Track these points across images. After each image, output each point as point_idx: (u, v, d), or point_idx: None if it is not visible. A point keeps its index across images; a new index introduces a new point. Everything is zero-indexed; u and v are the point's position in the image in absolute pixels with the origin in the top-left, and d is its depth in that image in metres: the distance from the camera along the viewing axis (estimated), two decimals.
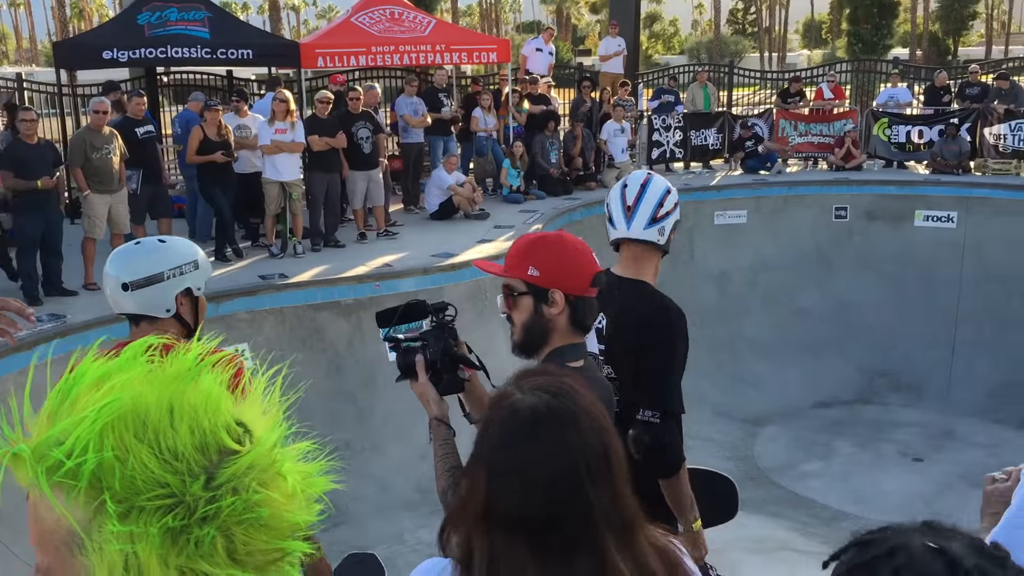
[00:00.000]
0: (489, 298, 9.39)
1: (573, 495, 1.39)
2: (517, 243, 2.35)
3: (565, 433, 1.41)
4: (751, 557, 6.23)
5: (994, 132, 14.37)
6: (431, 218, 11.86)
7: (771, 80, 21.68)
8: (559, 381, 1.49)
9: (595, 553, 1.39)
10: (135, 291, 2.63)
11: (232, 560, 0.90)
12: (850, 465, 10.00)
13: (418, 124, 12.39)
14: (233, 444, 0.93)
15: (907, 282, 13.07)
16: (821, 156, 15.39)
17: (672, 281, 13.17)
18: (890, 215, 13.58)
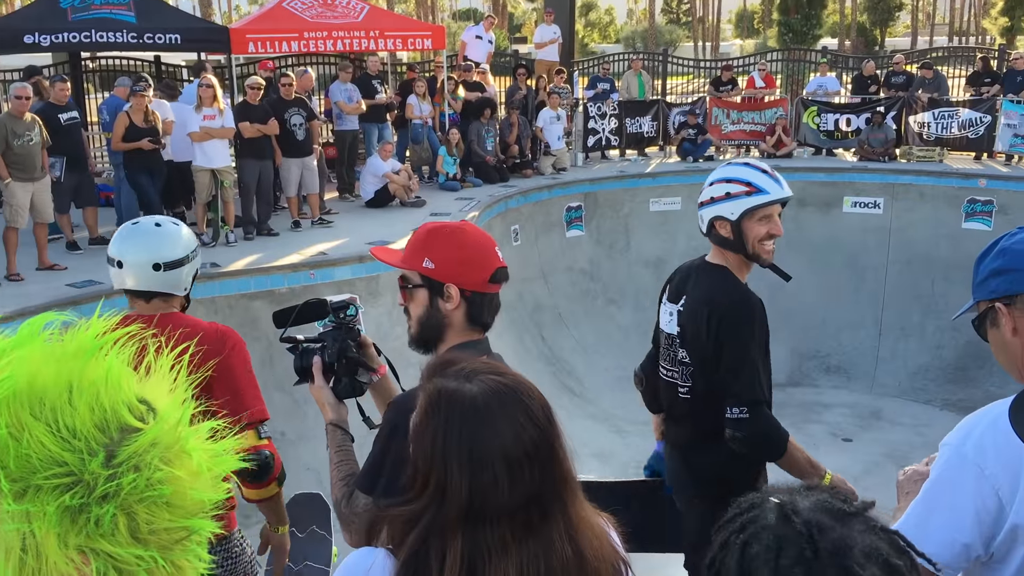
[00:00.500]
0: None
1: (551, 466, 1.41)
2: (416, 233, 2.24)
3: (528, 409, 1.42)
4: None
5: (918, 120, 14.78)
6: (366, 206, 11.76)
7: (705, 69, 21.94)
8: (484, 363, 1.50)
9: (566, 520, 1.42)
10: (167, 271, 2.82)
11: (135, 539, 0.88)
12: None
13: (352, 111, 12.26)
14: (135, 422, 0.91)
15: (836, 267, 13.39)
16: (753, 144, 15.65)
17: (608, 268, 13.33)
18: (819, 201, 13.88)
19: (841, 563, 0.98)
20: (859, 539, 1.01)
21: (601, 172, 14.40)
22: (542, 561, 1.38)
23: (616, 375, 11.85)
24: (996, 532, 1.69)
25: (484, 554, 1.37)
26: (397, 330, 8.95)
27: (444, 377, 1.46)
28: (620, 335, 12.62)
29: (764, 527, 1.04)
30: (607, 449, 9.70)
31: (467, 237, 2.18)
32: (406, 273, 2.18)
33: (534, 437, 1.40)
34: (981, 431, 1.73)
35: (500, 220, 12.10)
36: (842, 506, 1.07)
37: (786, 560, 0.99)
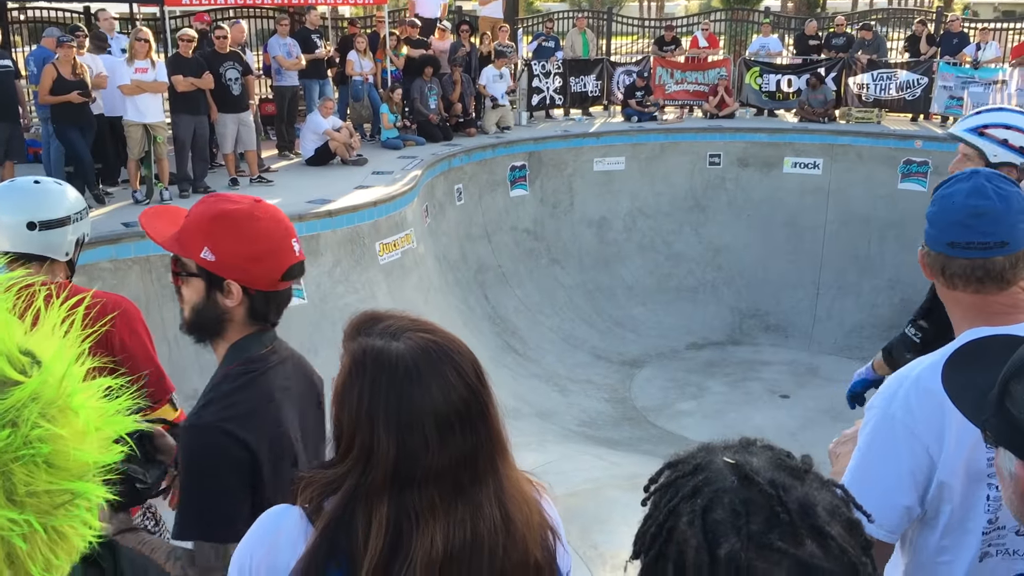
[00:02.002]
0: (367, 245, 9.23)
1: (482, 426, 1.37)
2: (199, 213, 1.93)
3: (459, 367, 1.37)
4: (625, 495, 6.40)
5: (858, 81, 14.95)
6: (307, 164, 11.53)
7: (649, 28, 21.86)
8: (412, 320, 1.43)
9: (497, 483, 1.37)
10: (42, 231, 2.58)
11: (10, 501, 0.81)
12: (722, 404, 10.39)
13: (292, 66, 11.96)
14: (15, 374, 0.84)
15: (776, 227, 13.57)
16: (696, 103, 15.69)
17: (552, 227, 13.32)
18: (761, 162, 14.01)
19: (811, 523, 0.93)
20: (818, 496, 0.97)
21: (545, 131, 14.32)
22: (469, 525, 1.34)
23: (560, 334, 11.91)
24: (928, 489, 1.70)
25: (411, 518, 1.32)
26: (339, 289, 8.85)
27: (369, 335, 1.39)
28: (564, 295, 12.66)
29: (723, 490, 0.96)
30: (550, 408, 9.76)
31: (258, 228, 1.89)
32: (181, 258, 1.93)
33: (465, 396, 1.35)
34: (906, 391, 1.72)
35: (443, 179, 11.99)
36: (795, 463, 1.02)
37: (756, 524, 0.92)
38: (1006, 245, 1.70)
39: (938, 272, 1.79)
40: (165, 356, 7.95)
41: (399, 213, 9.77)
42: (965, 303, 1.77)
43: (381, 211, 9.46)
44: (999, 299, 1.74)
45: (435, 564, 1.31)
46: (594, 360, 11.57)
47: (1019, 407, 1.10)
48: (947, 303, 1.84)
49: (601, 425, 9.71)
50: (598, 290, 12.96)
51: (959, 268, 1.75)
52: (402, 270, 9.59)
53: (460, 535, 1.33)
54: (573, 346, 11.81)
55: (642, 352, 11.91)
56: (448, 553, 1.32)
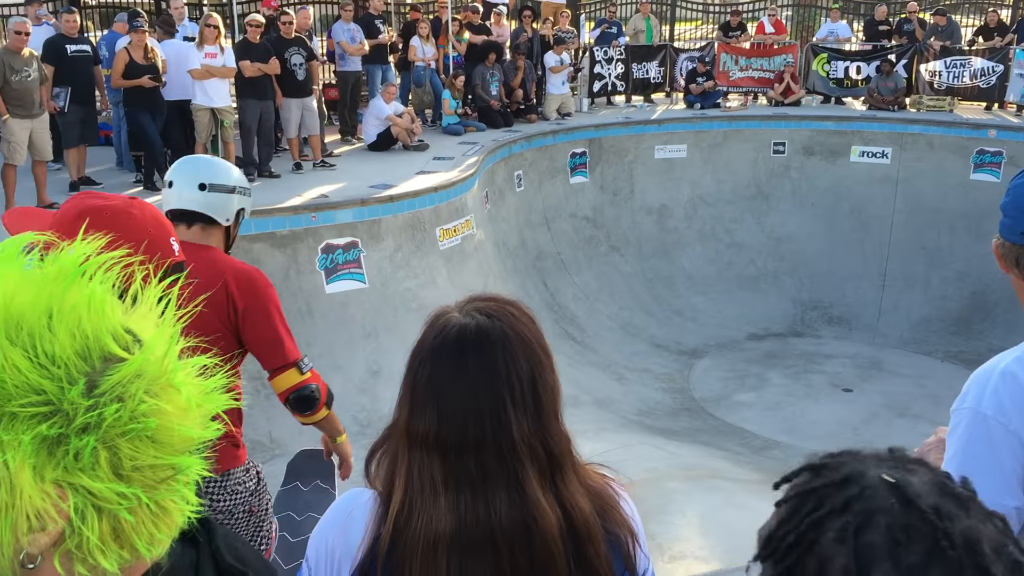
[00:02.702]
0: (428, 230, 9.28)
1: (492, 420, 1.34)
2: (68, 210, 1.86)
3: (490, 356, 1.36)
4: (684, 485, 6.35)
5: (929, 69, 14.54)
6: (369, 149, 11.62)
7: (713, 14, 21.55)
8: (500, 305, 1.44)
9: (515, 485, 1.34)
10: (211, 192, 2.92)
11: (117, 475, 0.83)
12: (782, 396, 10.24)
13: (355, 52, 12.05)
14: (119, 351, 0.85)
15: (842, 217, 13.29)
16: (761, 91, 15.43)
17: (612, 215, 13.24)
18: (827, 150, 13.73)
19: (976, 561, 0.81)
20: (983, 530, 0.85)
21: (606, 118, 14.22)
22: (487, 509, 1.33)
23: (618, 323, 11.85)
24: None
25: (416, 488, 1.35)
26: (399, 274, 8.92)
27: (458, 304, 1.45)
28: (623, 283, 12.59)
29: (880, 510, 0.86)
30: (608, 396, 9.72)
31: (134, 227, 1.82)
32: None
33: (484, 389, 1.35)
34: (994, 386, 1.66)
35: (503, 165, 11.99)
36: (957, 488, 0.90)
37: (915, 555, 0.82)
38: None
39: (1012, 263, 1.75)
40: None
41: (459, 199, 9.80)
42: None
43: (442, 197, 9.50)
44: None
45: (439, 541, 1.32)
46: (652, 349, 11.49)
47: None
48: (1021, 294, 1.79)
49: (659, 415, 9.65)
50: (657, 278, 12.85)
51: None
52: (462, 256, 9.63)
53: (472, 520, 1.32)
54: (631, 335, 11.74)
55: (701, 342, 11.79)
56: (456, 532, 1.32)
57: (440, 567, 1.32)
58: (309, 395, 2.93)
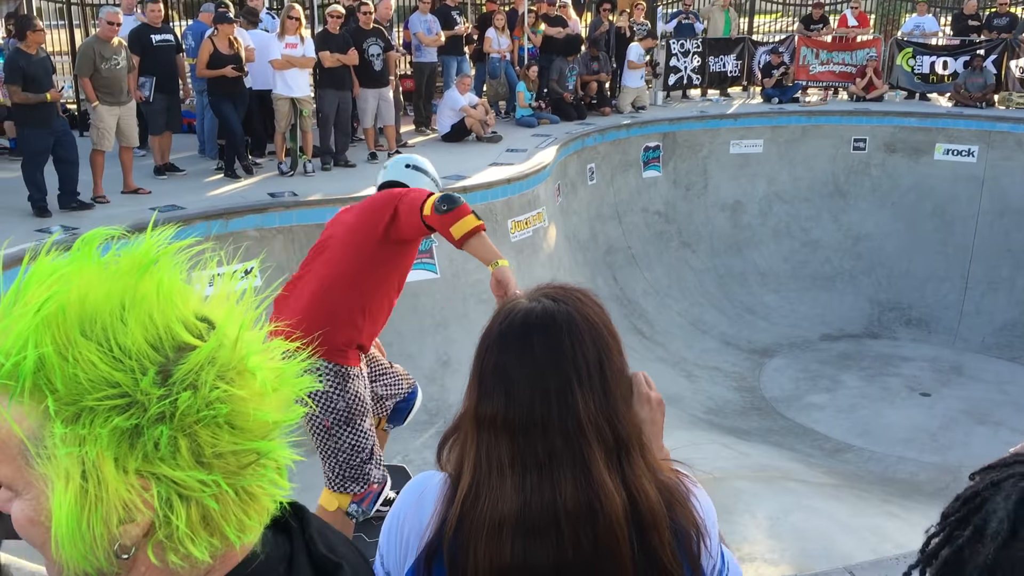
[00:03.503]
0: (500, 221, 9.30)
1: (559, 401, 1.35)
2: None
3: (556, 337, 1.37)
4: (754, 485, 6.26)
5: (1020, 65, 14.02)
6: (443, 139, 11.70)
7: (793, 6, 21.10)
8: (567, 291, 1.46)
9: (581, 466, 1.34)
10: (413, 170, 4.16)
11: (199, 463, 0.84)
12: (856, 398, 10.01)
13: (432, 43, 12.13)
14: (191, 339, 0.86)
15: (923, 216, 12.92)
16: (842, 85, 15.08)
17: (684, 210, 13.09)
18: (910, 148, 13.35)
19: None
20: None
21: (681, 112, 14.06)
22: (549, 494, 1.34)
23: (688, 319, 11.73)
24: None
25: (484, 468, 1.37)
26: (470, 265, 8.95)
27: (529, 292, 1.47)
28: (694, 279, 12.45)
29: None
30: (676, 393, 9.63)
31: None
32: None
33: (550, 370, 1.36)
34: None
35: (576, 158, 11.94)
36: None
37: None
38: None
39: None
40: None
41: (531, 191, 9.80)
42: None
43: (514, 188, 9.51)
44: None
45: (504, 523, 1.33)
46: (722, 347, 11.34)
47: None
48: None
49: (728, 413, 9.53)
50: (729, 275, 12.68)
51: None
52: (532, 248, 9.63)
53: (537, 501, 1.33)
54: (701, 331, 11.60)
55: (773, 341, 11.59)
56: (521, 514, 1.33)
57: (504, 549, 1.33)
58: (448, 196, 3.53)
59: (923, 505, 6.97)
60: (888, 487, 7.59)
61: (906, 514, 6.38)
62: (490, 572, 1.34)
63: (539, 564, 1.33)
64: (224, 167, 9.60)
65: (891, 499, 6.91)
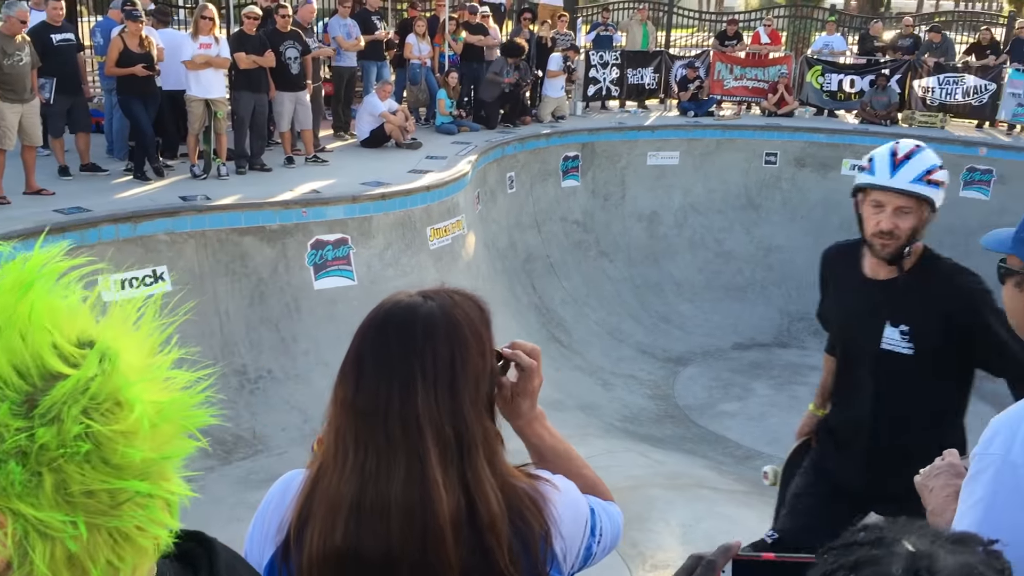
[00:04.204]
0: (418, 229, 9.26)
1: (400, 394, 1.38)
2: None
3: (410, 332, 1.41)
4: (668, 493, 6.35)
5: (923, 85, 14.62)
6: (362, 145, 11.59)
7: (709, 22, 21.60)
8: (445, 292, 1.49)
9: (415, 459, 1.36)
10: None
11: (65, 501, 0.77)
12: (766, 406, 10.26)
13: (351, 47, 12.01)
14: (62, 367, 0.79)
15: (831, 230, 13.28)
16: (754, 101, 15.48)
17: (603, 220, 13.25)
18: (818, 163, 13.78)
19: None
20: None
21: (600, 122, 14.24)
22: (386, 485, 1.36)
23: (606, 328, 11.86)
24: None
25: (333, 445, 1.40)
26: (388, 272, 8.89)
27: (397, 293, 1.50)
28: (611, 288, 12.60)
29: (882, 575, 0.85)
30: (593, 401, 9.73)
31: None
32: None
33: (398, 363, 1.39)
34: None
35: (496, 167, 11.97)
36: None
37: None
38: None
39: None
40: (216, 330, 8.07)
41: (451, 199, 9.79)
42: None
43: (433, 196, 9.48)
44: None
45: (341, 501, 1.36)
46: (638, 355, 11.50)
47: None
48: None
49: (643, 421, 9.66)
50: (646, 285, 12.87)
51: None
52: (451, 256, 9.61)
53: (372, 489, 1.36)
54: (618, 340, 11.74)
55: (687, 350, 11.81)
56: (357, 494, 1.36)
57: (337, 530, 1.36)
58: None
59: None
60: None
61: None
62: (323, 554, 1.36)
63: (369, 551, 1.35)
64: (133, 169, 9.31)
65: None
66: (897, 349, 2.94)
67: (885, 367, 3.00)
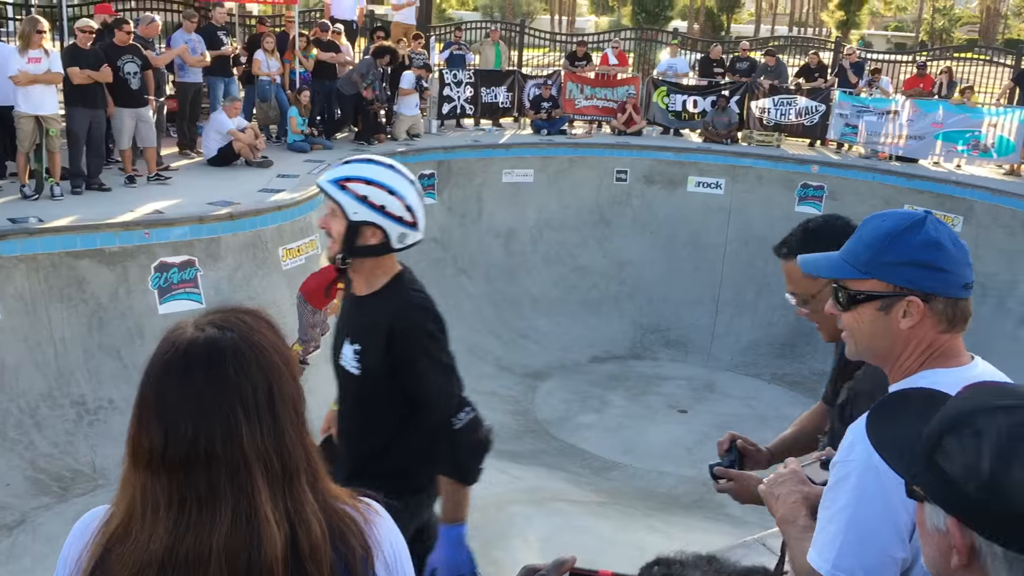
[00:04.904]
0: (270, 249, 9.03)
1: (223, 433, 1.30)
2: None
3: (219, 367, 1.32)
4: (527, 508, 6.40)
5: (760, 105, 15.40)
6: (209, 163, 11.21)
7: (560, 43, 22.12)
8: (234, 315, 1.39)
9: (245, 500, 1.30)
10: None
11: None
12: (622, 417, 10.52)
13: (196, 63, 11.62)
14: None
15: (679, 245, 13.84)
16: (604, 120, 15.91)
17: (460, 237, 13.29)
18: (666, 180, 14.29)
19: None
20: None
21: (455, 140, 14.30)
22: (205, 533, 1.29)
23: (465, 345, 11.86)
24: (912, 536, 1.61)
25: (141, 509, 1.31)
26: (239, 294, 8.61)
27: (195, 318, 1.38)
28: (470, 305, 12.64)
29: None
30: None
31: None
32: None
33: (214, 403, 1.30)
34: None
35: None
36: None
37: None
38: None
39: (943, 320, 1.70)
40: (51, 360, 7.60)
41: (304, 218, 9.60)
42: (938, 347, 1.72)
43: (286, 215, 9.27)
44: (959, 339, 1.74)
45: (149, 564, 1.28)
46: (498, 371, 11.57)
47: (953, 463, 1.09)
48: (909, 351, 1.73)
49: (504, 438, 9.70)
50: (504, 301, 12.99)
51: (962, 311, 1.71)
52: (305, 276, 9.40)
53: (190, 540, 1.28)
54: (478, 357, 11.78)
55: (545, 364, 11.97)
56: (168, 554, 1.28)
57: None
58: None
59: (681, 517, 7.41)
60: (650, 501, 8.01)
61: (666, 527, 6.75)
62: None
63: None
64: None
65: (652, 513, 7.29)
66: (348, 367, 2.91)
67: (342, 384, 3.01)
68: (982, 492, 1.03)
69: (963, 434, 1.08)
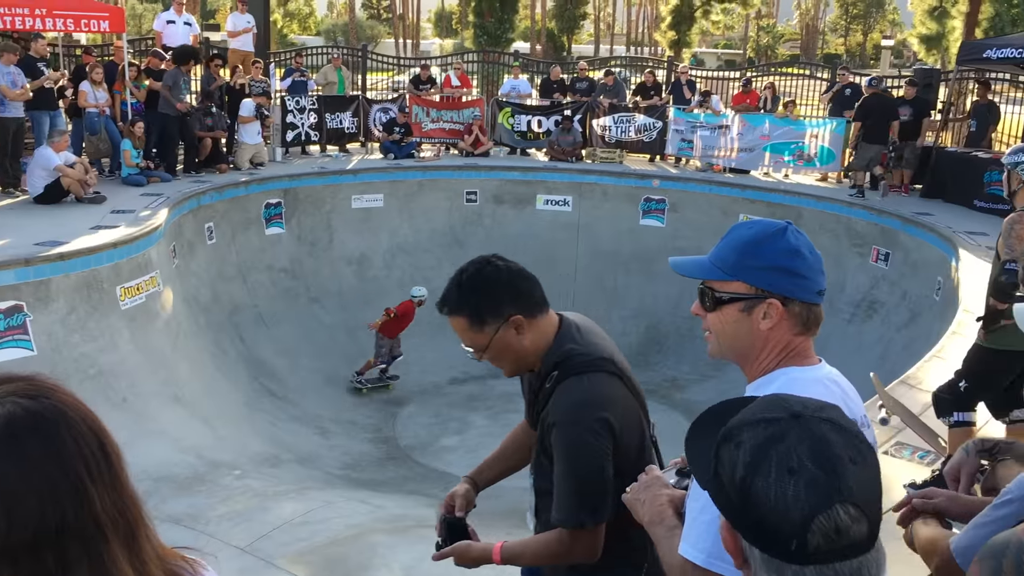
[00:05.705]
0: (107, 289, 8.60)
1: (72, 504, 1.22)
2: None
3: (54, 437, 1.23)
4: (390, 538, 6.31)
5: (601, 124, 15.88)
6: (35, 202, 10.59)
7: (405, 66, 22.14)
8: (32, 383, 1.28)
9: (101, 568, 1.23)
10: None
11: None
12: (484, 436, 10.54)
13: (17, 97, 10.98)
14: None
15: (531, 262, 13.62)
16: (451, 142, 16.03)
17: (311, 266, 13.06)
18: (515, 199, 14.51)
19: None
20: None
21: (301, 168, 14.07)
22: None
23: (322, 375, 11.65)
24: None
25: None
26: (74, 338, 8.16)
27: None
28: (324, 334, 12.42)
29: None
30: (311, 452, 9.50)
31: None
32: None
33: (58, 474, 1.22)
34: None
35: (192, 217, 11.43)
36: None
37: None
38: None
39: (799, 323, 1.80)
40: None
41: (143, 255, 9.20)
42: (793, 347, 1.82)
43: (122, 253, 8.86)
44: (811, 342, 1.86)
45: None
46: (357, 400, 11.41)
47: (723, 471, 1.16)
48: (767, 351, 1.82)
49: (365, 467, 9.57)
50: (359, 328, 12.81)
51: (816, 315, 1.82)
52: (147, 315, 9.02)
53: None
54: (336, 386, 11.59)
55: (405, 389, 11.89)
56: None
57: None
58: None
59: None
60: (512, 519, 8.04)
61: None
62: None
63: None
64: None
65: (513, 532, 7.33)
66: None
67: None
68: (738, 499, 1.13)
69: (730, 445, 1.17)
